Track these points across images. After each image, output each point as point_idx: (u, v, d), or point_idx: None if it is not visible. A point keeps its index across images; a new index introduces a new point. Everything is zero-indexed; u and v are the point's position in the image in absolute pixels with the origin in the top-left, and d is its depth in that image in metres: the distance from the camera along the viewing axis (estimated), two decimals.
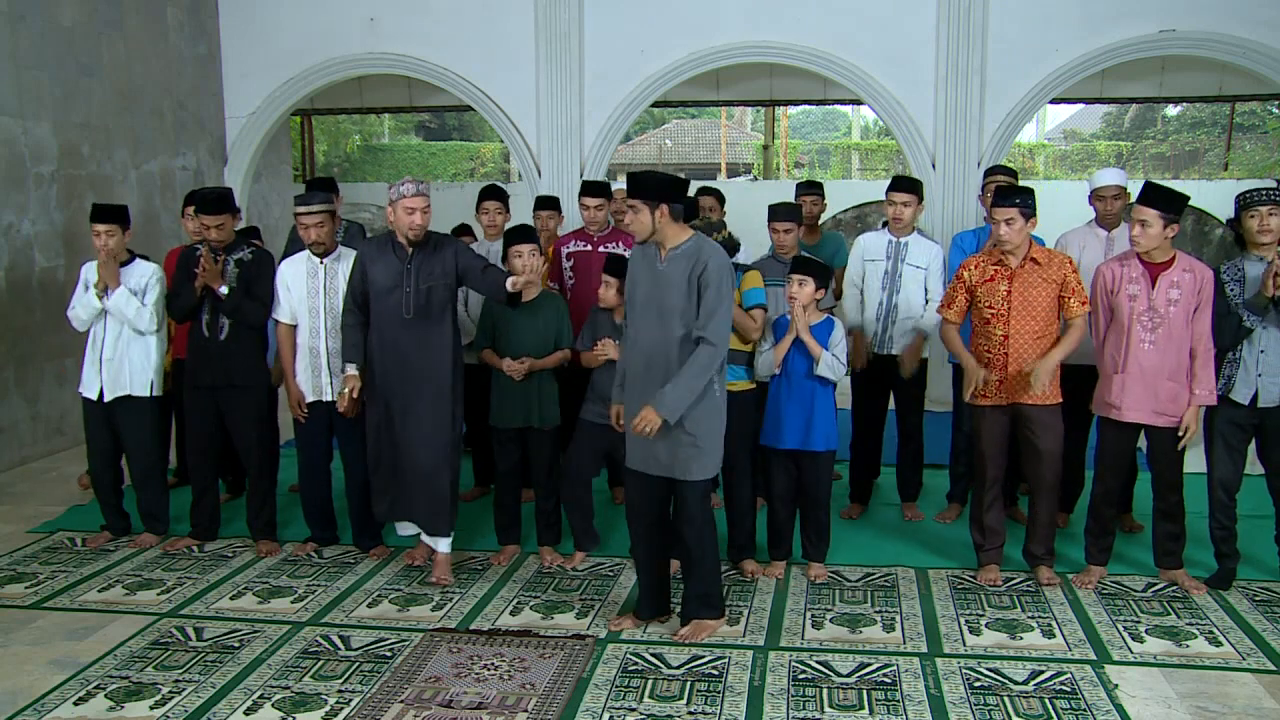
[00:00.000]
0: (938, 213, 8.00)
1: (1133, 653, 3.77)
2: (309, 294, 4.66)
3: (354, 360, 4.45)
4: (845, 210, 13.40)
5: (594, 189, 5.60)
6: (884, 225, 5.26)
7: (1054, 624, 4.03)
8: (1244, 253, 4.29)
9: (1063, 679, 3.55)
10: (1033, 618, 4.09)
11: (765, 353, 4.38)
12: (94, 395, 4.89)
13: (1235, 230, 4.32)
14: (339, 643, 3.88)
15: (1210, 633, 3.94)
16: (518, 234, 4.66)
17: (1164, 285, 4.19)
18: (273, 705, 3.39)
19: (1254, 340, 4.21)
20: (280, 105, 8.78)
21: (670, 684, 3.52)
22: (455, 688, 3.49)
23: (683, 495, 3.84)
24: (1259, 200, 4.17)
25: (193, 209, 5.15)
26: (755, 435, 4.49)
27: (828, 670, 3.63)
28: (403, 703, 3.40)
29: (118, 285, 4.78)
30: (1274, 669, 3.64)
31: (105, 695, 3.47)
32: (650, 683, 3.53)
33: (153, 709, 3.38)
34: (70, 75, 7.11)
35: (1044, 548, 4.47)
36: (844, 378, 4.50)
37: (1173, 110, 27.03)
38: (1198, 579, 4.40)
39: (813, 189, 6.11)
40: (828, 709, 3.35)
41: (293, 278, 4.69)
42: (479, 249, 5.57)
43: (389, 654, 3.78)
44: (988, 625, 4.02)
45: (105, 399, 4.88)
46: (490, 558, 4.78)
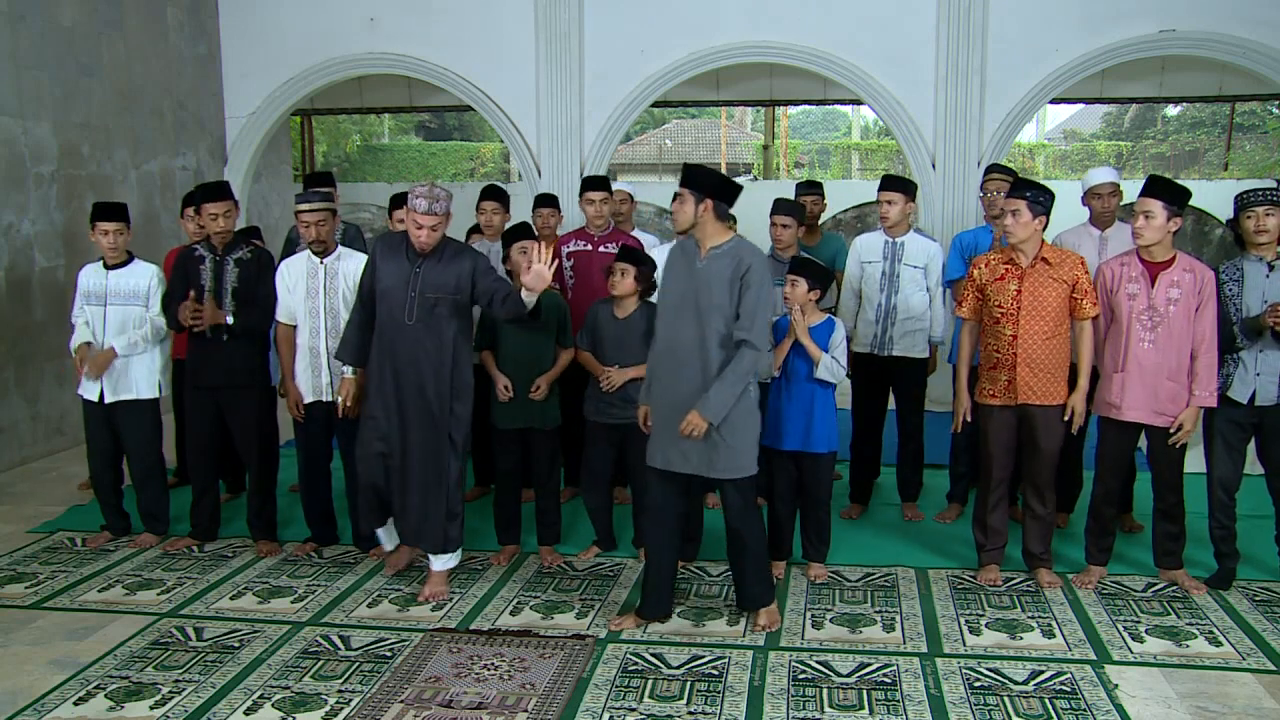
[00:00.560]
0: (938, 213, 8.00)
1: (1133, 653, 3.77)
2: (309, 294, 4.66)
3: (354, 362, 4.35)
4: (845, 210, 13.40)
5: (597, 183, 5.61)
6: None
7: (1054, 624, 4.03)
8: (1243, 253, 4.30)
9: (1063, 679, 3.55)
10: (1033, 618, 4.09)
11: (765, 354, 4.38)
12: (94, 397, 4.89)
13: (1234, 230, 4.33)
14: (339, 643, 3.88)
15: (1210, 633, 3.94)
16: (521, 231, 4.65)
17: (1164, 284, 4.20)
18: (273, 705, 3.39)
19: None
20: (280, 105, 8.78)
21: (670, 684, 3.52)
22: (455, 688, 3.49)
23: (727, 492, 3.92)
24: (1256, 201, 4.18)
25: (192, 209, 5.15)
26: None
27: (828, 670, 3.63)
28: (403, 703, 3.40)
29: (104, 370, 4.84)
30: (1274, 669, 3.64)
31: (105, 695, 3.47)
32: (650, 683, 3.53)
33: (153, 709, 3.38)
34: (70, 75, 7.11)
35: (1042, 546, 4.47)
36: (844, 379, 4.50)
37: (1173, 110, 27.04)
38: (1198, 579, 4.40)
39: (813, 189, 6.11)
40: (828, 709, 3.35)
41: (293, 278, 4.69)
42: (480, 249, 5.56)
43: (389, 654, 3.78)
44: (988, 625, 4.02)
45: (106, 401, 4.88)
46: (490, 558, 4.78)
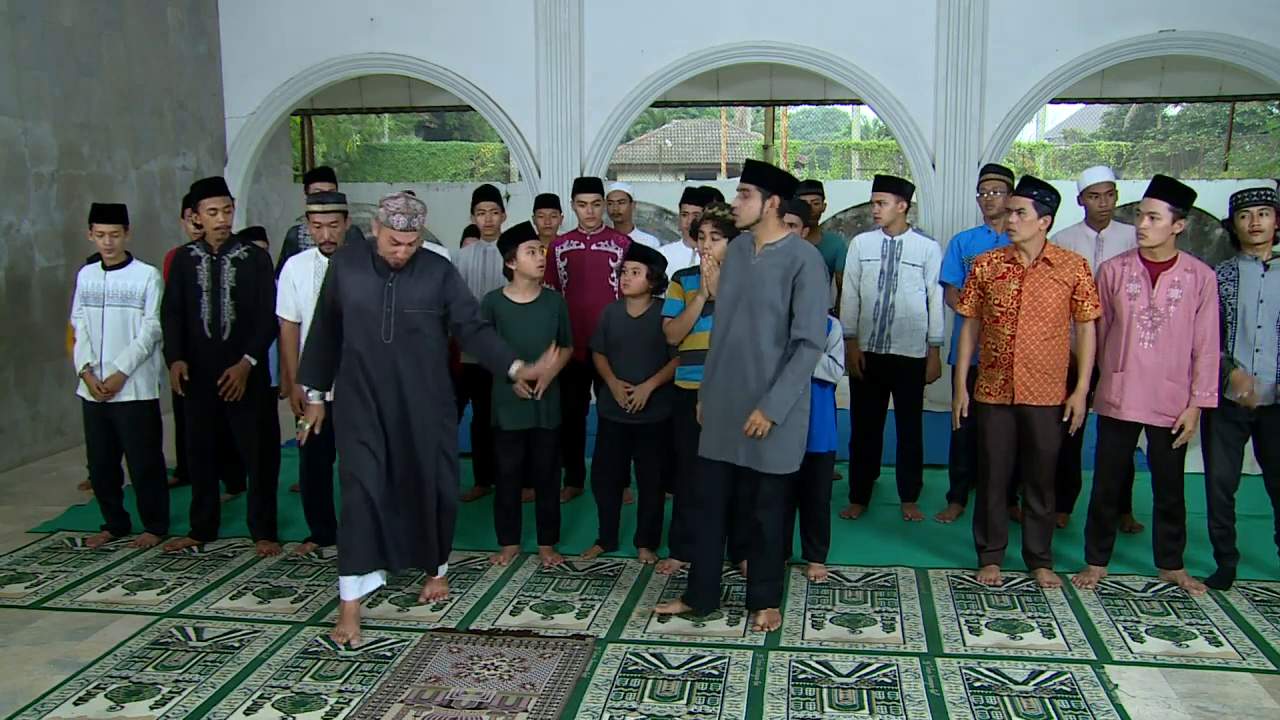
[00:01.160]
0: (938, 213, 8.00)
1: (1133, 653, 3.77)
2: (315, 293, 4.64)
3: (321, 387, 4.08)
4: (845, 210, 13.41)
5: (588, 185, 5.62)
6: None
7: (1054, 624, 4.03)
8: (1238, 253, 4.30)
9: (1063, 679, 3.55)
10: (1033, 618, 4.09)
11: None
12: (94, 397, 4.89)
13: (1229, 231, 4.33)
14: (339, 642, 3.88)
15: (1210, 633, 3.94)
16: (522, 232, 4.63)
17: (1164, 285, 4.20)
18: (273, 705, 3.39)
19: (1249, 340, 4.21)
20: (280, 105, 8.78)
21: (670, 684, 3.52)
22: (455, 688, 3.49)
23: (761, 485, 3.92)
24: (1249, 201, 4.20)
25: (191, 209, 5.15)
26: None
27: (828, 670, 3.63)
28: (403, 703, 3.39)
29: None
30: (1274, 669, 3.64)
31: (105, 695, 3.47)
32: (650, 683, 3.53)
33: (153, 709, 3.38)
34: (70, 75, 7.11)
35: (1042, 546, 4.47)
36: (842, 379, 4.50)
37: (1173, 110, 27.06)
38: (1198, 579, 4.40)
39: (813, 188, 6.11)
40: (828, 709, 3.35)
41: (299, 276, 4.68)
42: (475, 250, 5.56)
43: (389, 654, 3.77)
44: (988, 625, 4.02)
45: (106, 401, 4.88)
46: (490, 558, 4.78)
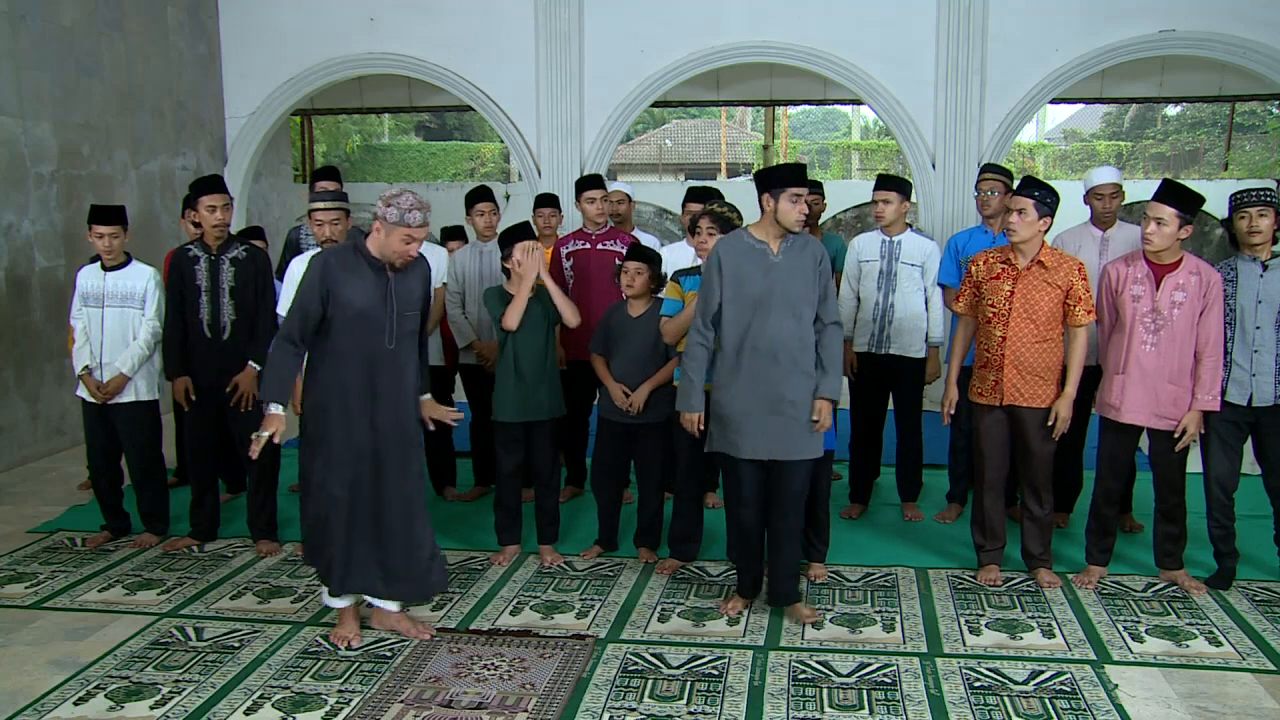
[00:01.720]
0: (938, 213, 8.01)
1: (1133, 653, 3.77)
2: None
3: (282, 400, 3.75)
4: (845, 210, 13.41)
5: (594, 182, 5.63)
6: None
7: (1054, 624, 4.03)
8: (1237, 253, 4.30)
9: (1063, 679, 3.55)
10: (1033, 618, 4.09)
11: None
12: (92, 398, 4.89)
13: (1229, 231, 4.33)
14: (339, 644, 3.87)
15: (1210, 633, 3.94)
16: (520, 232, 4.63)
17: (1168, 287, 4.19)
18: (273, 705, 3.39)
19: (1248, 340, 4.21)
20: (280, 105, 8.78)
21: (670, 684, 3.52)
22: (455, 688, 3.49)
23: (795, 471, 3.99)
24: (1249, 201, 4.19)
25: (190, 208, 5.15)
26: None
27: (828, 670, 3.63)
28: (403, 703, 3.39)
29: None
30: (1274, 669, 3.64)
31: (105, 695, 3.47)
32: (650, 683, 3.53)
33: (153, 709, 3.37)
34: (70, 75, 7.11)
35: (1041, 547, 4.47)
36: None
37: (1173, 110, 27.05)
38: (1198, 579, 4.40)
39: (813, 188, 6.10)
40: (828, 709, 3.35)
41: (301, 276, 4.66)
42: (472, 250, 5.55)
43: (389, 654, 3.77)
44: (988, 625, 4.02)
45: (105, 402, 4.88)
46: (490, 558, 4.78)
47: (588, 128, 8.39)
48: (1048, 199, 4.23)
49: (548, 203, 5.88)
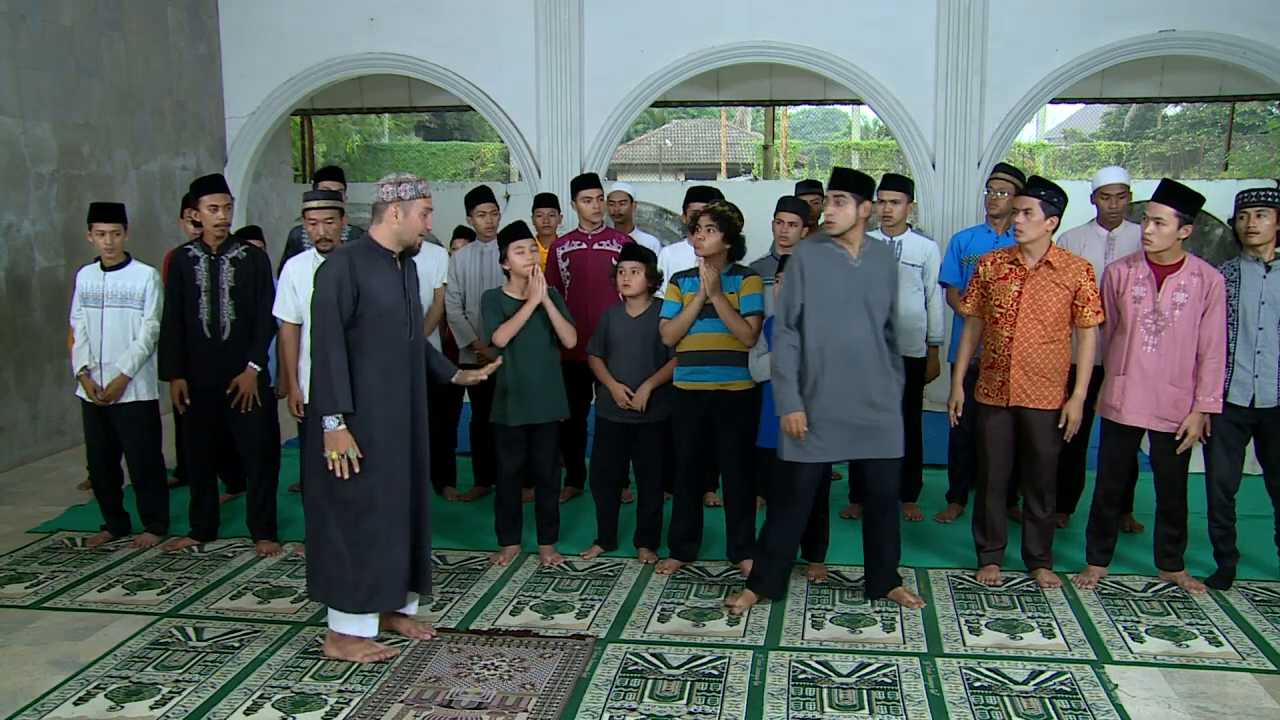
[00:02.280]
0: (938, 212, 8.01)
1: (1133, 653, 3.77)
2: None
3: (346, 408, 3.52)
4: None
5: (590, 180, 5.63)
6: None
7: (1054, 624, 4.03)
8: (1241, 253, 4.30)
9: (1063, 679, 3.55)
10: (1033, 618, 4.09)
11: (761, 356, 4.37)
12: (91, 399, 4.88)
13: (1234, 230, 4.33)
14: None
15: (1210, 633, 3.94)
16: (517, 231, 4.63)
17: (1170, 288, 4.18)
18: (273, 705, 3.39)
19: (1250, 341, 4.21)
20: (280, 105, 8.78)
21: (670, 684, 3.52)
22: (455, 688, 3.49)
23: (885, 471, 4.14)
24: (1249, 202, 4.20)
25: (190, 208, 5.15)
26: (754, 435, 4.48)
27: (828, 670, 3.63)
28: (403, 703, 3.39)
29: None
30: (1274, 669, 3.64)
31: (105, 695, 3.47)
32: (650, 683, 3.53)
33: (153, 709, 3.37)
34: (70, 75, 7.11)
35: (1041, 548, 4.47)
36: None
37: (1173, 110, 27.04)
38: (1198, 579, 4.40)
39: (813, 188, 6.10)
40: (828, 709, 3.35)
41: (299, 277, 4.64)
42: (472, 250, 5.55)
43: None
44: (988, 625, 4.02)
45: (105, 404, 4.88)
46: (490, 558, 4.78)
47: (588, 128, 8.40)
48: (1054, 199, 4.21)
49: (547, 202, 5.88)
